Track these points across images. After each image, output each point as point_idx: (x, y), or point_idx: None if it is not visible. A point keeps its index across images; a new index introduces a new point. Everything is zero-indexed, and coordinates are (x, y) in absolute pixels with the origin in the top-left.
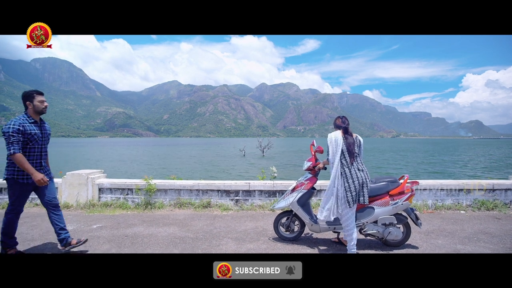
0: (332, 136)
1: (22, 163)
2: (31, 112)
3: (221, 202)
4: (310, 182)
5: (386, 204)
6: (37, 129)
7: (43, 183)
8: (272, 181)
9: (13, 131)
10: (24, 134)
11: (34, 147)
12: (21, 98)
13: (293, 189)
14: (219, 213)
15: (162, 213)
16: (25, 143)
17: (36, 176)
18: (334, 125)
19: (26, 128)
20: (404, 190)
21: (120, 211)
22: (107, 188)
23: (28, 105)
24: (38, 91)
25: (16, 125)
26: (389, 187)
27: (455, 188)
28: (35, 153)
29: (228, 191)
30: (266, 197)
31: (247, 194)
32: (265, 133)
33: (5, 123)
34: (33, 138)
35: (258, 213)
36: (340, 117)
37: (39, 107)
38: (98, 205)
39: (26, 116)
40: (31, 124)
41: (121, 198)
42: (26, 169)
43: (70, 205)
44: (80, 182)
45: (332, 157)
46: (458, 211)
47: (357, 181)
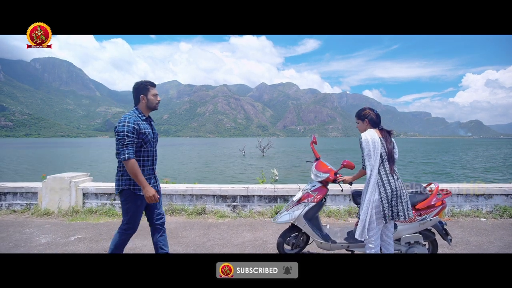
0: (367, 136)
1: (136, 173)
2: (143, 107)
3: (216, 209)
4: (320, 193)
5: (411, 220)
6: (150, 128)
7: (154, 200)
8: (273, 185)
9: (128, 131)
10: (138, 134)
11: (147, 150)
12: (133, 91)
13: (299, 200)
14: (214, 221)
15: None
16: (139, 146)
17: (149, 191)
18: (363, 118)
19: (140, 127)
20: (433, 203)
21: (106, 218)
22: (92, 193)
23: (141, 99)
24: (152, 83)
25: (131, 122)
26: (415, 199)
27: (474, 193)
28: (149, 157)
29: (224, 196)
30: (266, 202)
31: (246, 199)
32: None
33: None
34: (147, 139)
35: (258, 221)
36: (372, 110)
37: (153, 101)
38: (82, 212)
39: (138, 112)
40: (143, 121)
41: (108, 204)
42: (139, 181)
43: (50, 212)
44: (62, 187)
45: (369, 164)
46: (478, 219)
47: (395, 192)
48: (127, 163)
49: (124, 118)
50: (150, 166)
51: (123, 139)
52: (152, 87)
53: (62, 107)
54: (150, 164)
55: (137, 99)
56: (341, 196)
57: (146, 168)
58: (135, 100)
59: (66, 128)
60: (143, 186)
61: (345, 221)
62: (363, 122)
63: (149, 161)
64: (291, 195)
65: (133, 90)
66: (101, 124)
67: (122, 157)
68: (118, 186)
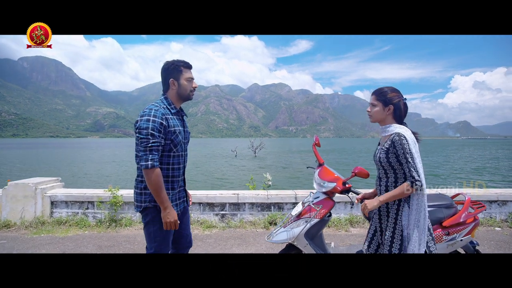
0: (408, 134)
1: (158, 187)
2: (173, 96)
3: (203, 218)
4: (325, 207)
5: (437, 240)
6: (181, 125)
7: (172, 227)
8: (266, 191)
9: (154, 128)
10: (167, 133)
11: (178, 154)
12: (161, 73)
13: (299, 215)
14: (200, 233)
15: (128, 232)
16: (167, 149)
17: (170, 215)
18: (388, 103)
19: (170, 123)
20: (463, 219)
21: (76, 230)
22: (62, 201)
23: (171, 84)
24: (186, 63)
25: (158, 117)
26: (441, 214)
27: (487, 199)
28: (180, 164)
29: (212, 204)
30: (259, 211)
31: (236, 207)
32: (257, 133)
33: None
34: (177, 140)
35: (249, 232)
36: (400, 95)
37: (186, 88)
38: (49, 222)
39: (167, 103)
40: (173, 116)
41: (80, 213)
42: (160, 198)
43: (11, 224)
44: (26, 194)
45: (421, 172)
46: (492, 228)
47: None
48: (149, 173)
49: (148, 110)
50: (181, 177)
51: (146, 139)
52: (186, 69)
53: (51, 107)
54: (181, 173)
55: (166, 84)
56: (342, 203)
57: (176, 179)
58: (164, 85)
59: (55, 128)
60: (164, 207)
61: (346, 231)
62: (384, 107)
63: (180, 170)
64: (286, 202)
65: (161, 72)
66: (91, 125)
67: (144, 164)
68: (141, 202)
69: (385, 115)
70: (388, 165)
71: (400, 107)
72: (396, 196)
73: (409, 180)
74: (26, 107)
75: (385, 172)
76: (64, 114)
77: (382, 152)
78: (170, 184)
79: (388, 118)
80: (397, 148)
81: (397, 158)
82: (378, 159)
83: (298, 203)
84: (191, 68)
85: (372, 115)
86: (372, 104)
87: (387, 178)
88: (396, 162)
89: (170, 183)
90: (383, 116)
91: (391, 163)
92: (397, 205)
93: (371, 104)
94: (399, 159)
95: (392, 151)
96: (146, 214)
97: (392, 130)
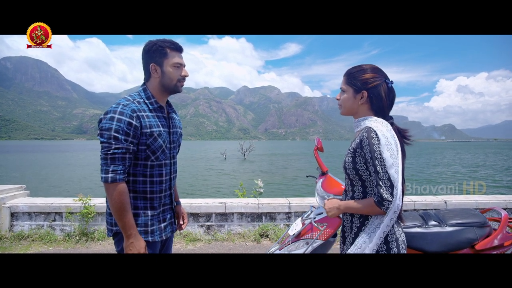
0: (383, 130)
1: (120, 209)
2: (154, 87)
3: (186, 230)
4: (330, 226)
5: None
6: (164, 126)
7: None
8: (256, 200)
9: (118, 130)
10: (140, 136)
11: (158, 164)
12: (142, 57)
13: (299, 235)
14: (182, 247)
15: (101, 247)
16: (142, 157)
17: (134, 246)
18: (361, 88)
19: (144, 123)
20: (501, 241)
21: (39, 246)
22: (24, 212)
23: (152, 70)
24: (174, 43)
25: (126, 115)
26: (473, 234)
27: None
28: (162, 177)
29: (196, 214)
30: (249, 221)
31: (223, 218)
32: (246, 136)
33: None
34: (157, 145)
35: (237, 246)
36: (381, 75)
37: (172, 77)
38: (7, 238)
39: (144, 96)
40: (152, 113)
41: (45, 226)
42: (122, 223)
43: None
44: None
45: (396, 181)
46: None
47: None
48: (109, 189)
49: (115, 106)
50: (165, 192)
51: (108, 144)
52: (174, 52)
53: (36, 108)
54: (165, 188)
55: (147, 71)
56: None
57: (157, 196)
58: (145, 73)
59: (40, 130)
60: (127, 235)
61: None
62: (355, 94)
63: (163, 184)
64: (278, 212)
65: (142, 55)
66: (78, 127)
67: (103, 177)
68: (111, 225)
69: (357, 105)
70: (354, 173)
71: (379, 94)
72: (360, 211)
73: (375, 198)
74: (8, 109)
75: (351, 183)
76: (49, 116)
77: (349, 155)
78: (149, 202)
79: (361, 108)
80: (364, 149)
81: (366, 164)
82: (343, 164)
83: (297, 219)
84: (181, 51)
85: (341, 104)
86: (342, 90)
87: (353, 191)
88: (365, 169)
89: (149, 201)
90: (355, 106)
91: (358, 171)
92: (360, 222)
93: (341, 89)
94: (368, 165)
95: (360, 154)
96: (118, 241)
97: (364, 125)
